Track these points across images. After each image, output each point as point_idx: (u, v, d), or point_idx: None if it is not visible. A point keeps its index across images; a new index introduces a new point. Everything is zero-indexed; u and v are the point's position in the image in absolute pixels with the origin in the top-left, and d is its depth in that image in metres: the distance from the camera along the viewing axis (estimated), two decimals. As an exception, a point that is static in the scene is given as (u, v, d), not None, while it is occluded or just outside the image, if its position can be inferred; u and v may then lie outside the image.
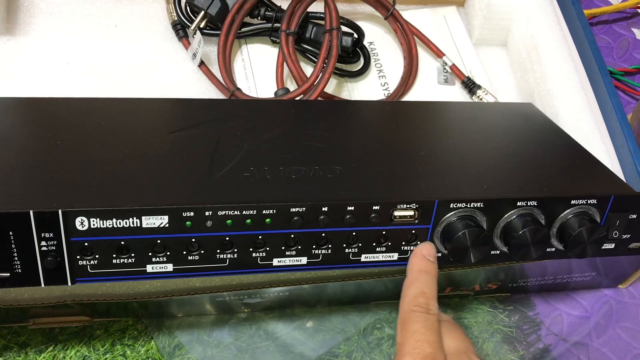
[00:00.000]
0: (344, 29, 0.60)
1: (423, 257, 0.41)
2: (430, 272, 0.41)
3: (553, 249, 0.44)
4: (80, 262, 0.37)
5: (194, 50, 0.58)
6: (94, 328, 0.51)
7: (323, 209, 0.39)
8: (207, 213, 0.37)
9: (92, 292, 0.46)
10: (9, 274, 0.36)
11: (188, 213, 0.37)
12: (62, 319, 0.50)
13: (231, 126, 0.48)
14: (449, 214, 0.41)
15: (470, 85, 0.62)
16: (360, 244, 0.41)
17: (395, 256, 0.42)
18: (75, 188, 0.38)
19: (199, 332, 0.52)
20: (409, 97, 0.62)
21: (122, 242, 0.37)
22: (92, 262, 0.37)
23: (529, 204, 0.41)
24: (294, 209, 0.38)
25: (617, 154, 0.56)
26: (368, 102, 0.59)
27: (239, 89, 0.57)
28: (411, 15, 0.66)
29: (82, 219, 0.36)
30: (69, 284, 0.38)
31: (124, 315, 0.51)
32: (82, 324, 0.50)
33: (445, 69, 0.64)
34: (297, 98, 0.56)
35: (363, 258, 0.42)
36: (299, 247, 0.40)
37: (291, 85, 0.59)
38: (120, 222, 0.36)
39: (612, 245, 0.45)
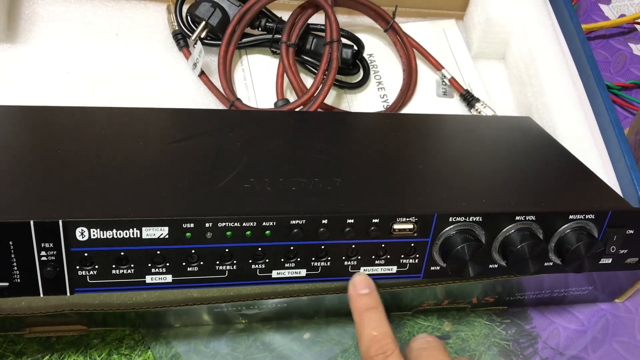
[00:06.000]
0: (344, 41, 0.60)
1: (358, 295, 0.40)
2: (371, 307, 0.40)
3: (551, 264, 0.44)
4: (79, 272, 0.37)
5: (195, 60, 0.59)
6: (90, 337, 0.51)
7: (323, 221, 0.39)
8: (207, 224, 0.37)
9: (90, 301, 0.46)
10: (7, 284, 0.36)
11: (188, 224, 0.37)
12: (59, 328, 0.50)
13: (231, 137, 0.48)
14: (448, 228, 0.41)
15: (469, 98, 0.62)
16: (359, 257, 0.41)
17: (394, 269, 0.42)
18: (75, 198, 0.38)
19: (196, 343, 0.51)
20: (408, 109, 0.63)
21: (122, 253, 0.37)
22: (91, 272, 0.37)
23: (527, 219, 0.42)
24: (294, 222, 0.38)
25: (614, 169, 0.56)
26: (368, 114, 0.59)
27: (239, 100, 0.57)
28: (411, 28, 0.66)
29: (82, 230, 0.36)
30: (68, 294, 0.37)
31: (121, 324, 0.51)
32: (78, 333, 0.50)
33: (444, 81, 0.64)
34: (297, 109, 0.56)
35: (362, 271, 0.42)
36: (298, 259, 0.40)
37: (291, 96, 0.59)
38: (120, 233, 0.36)
39: (610, 260, 0.45)
